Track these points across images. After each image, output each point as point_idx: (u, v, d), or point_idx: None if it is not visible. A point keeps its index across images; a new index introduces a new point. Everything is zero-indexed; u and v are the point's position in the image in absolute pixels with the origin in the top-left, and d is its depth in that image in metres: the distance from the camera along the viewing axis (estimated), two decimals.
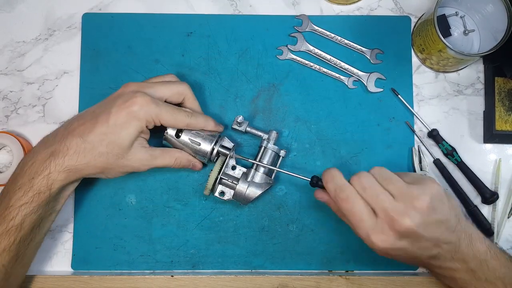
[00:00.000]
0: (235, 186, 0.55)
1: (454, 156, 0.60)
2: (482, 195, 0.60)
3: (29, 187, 0.48)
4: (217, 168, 0.56)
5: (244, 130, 0.59)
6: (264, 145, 0.57)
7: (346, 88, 0.62)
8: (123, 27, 0.63)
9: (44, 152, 0.49)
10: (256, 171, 0.56)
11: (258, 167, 0.57)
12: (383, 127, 0.62)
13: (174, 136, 0.54)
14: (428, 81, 0.63)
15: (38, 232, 0.51)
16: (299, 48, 0.63)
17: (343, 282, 0.58)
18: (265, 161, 0.57)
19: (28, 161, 0.49)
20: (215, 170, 0.56)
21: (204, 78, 0.62)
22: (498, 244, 0.60)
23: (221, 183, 0.56)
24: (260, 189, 0.55)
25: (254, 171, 0.56)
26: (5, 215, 0.47)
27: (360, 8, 0.64)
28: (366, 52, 0.63)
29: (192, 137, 0.55)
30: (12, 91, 0.62)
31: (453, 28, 0.61)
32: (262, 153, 0.57)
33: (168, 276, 0.58)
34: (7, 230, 0.47)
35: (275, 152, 0.57)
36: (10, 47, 0.63)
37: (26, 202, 0.48)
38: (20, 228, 0.48)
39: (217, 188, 0.56)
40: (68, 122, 0.52)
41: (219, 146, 0.56)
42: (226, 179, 0.56)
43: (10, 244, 0.47)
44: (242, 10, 0.64)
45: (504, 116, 0.60)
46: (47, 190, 0.48)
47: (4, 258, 0.48)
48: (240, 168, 0.57)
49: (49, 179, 0.48)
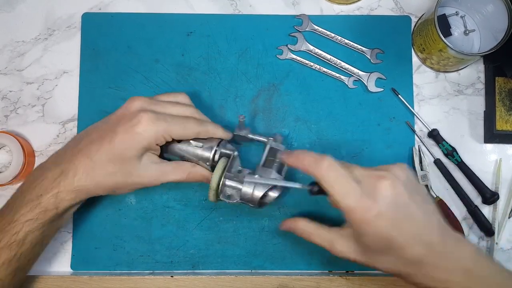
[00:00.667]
0: (241, 188, 0.51)
1: (454, 156, 0.60)
2: (483, 195, 0.60)
3: (36, 204, 0.47)
4: (219, 171, 0.51)
5: (246, 135, 0.56)
6: (274, 145, 0.54)
7: (347, 88, 0.62)
8: (123, 27, 0.63)
9: (54, 170, 0.48)
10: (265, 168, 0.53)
11: (267, 166, 0.53)
12: (384, 127, 0.61)
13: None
14: (429, 81, 0.63)
15: (39, 248, 0.50)
16: (299, 48, 0.62)
17: (343, 282, 0.58)
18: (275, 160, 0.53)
19: (38, 177, 0.48)
20: (217, 172, 0.51)
21: (204, 78, 0.62)
22: (499, 244, 0.60)
23: (226, 185, 0.52)
24: (266, 187, 0.51)
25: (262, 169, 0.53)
26: (8, 229, 0.46)
27: (360, 7, 0.64)
28: (367, 52, 0.63)
29: (193, 141, 0.53)
30: (11, 91, 0.62)
31: (453, 28, 0.61)
32: (268, 152, 0.54)
33: (168, 276, 0.58)
34: (9, 244, 0.46)
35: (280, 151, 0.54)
36: (9, 46, 0.63)
37: (31, 218, 0.47)
38: (22, 243, 0.47)
39: (224, 190, 0.52)
40: (77, 138, 0.51)
41: (222, 148, 0.53)
42: (230, 182, 0.52)
43: (10, 259, 0.47)
44: (242, 10, 0.64)
45: (505, 116, 0.60)
46: (54, 209, 0.48)
47: (3, 272, 0.47)
48: (245, 170, 0.54)
49: (58, 198, 0.48)
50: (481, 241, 0.61)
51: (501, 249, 0.60)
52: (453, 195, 0.61)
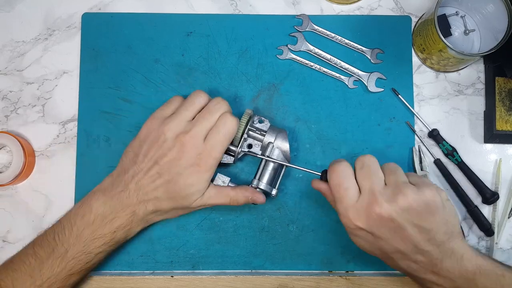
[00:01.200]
0: (263, 139, 0.56)
1: (454, 156, 0.60)
2: (483, 195, 0.60)
3: (111, 239, 0.52)
4: (243, 124, 0.55)
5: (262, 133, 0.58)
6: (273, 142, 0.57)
7: (347, 88, 0.62)
8: (123, 27, 0.63)
9: (126, 211, 0.52)
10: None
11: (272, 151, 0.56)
12: (384, 127, 0.61)
13: None
14: (429, 81, 0.63)
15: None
16: (299, 47, 0.62)
17: (343, 282, 0.58)
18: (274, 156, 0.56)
19: (108, 215, 0.51)
20: (242, 124, 0.55)
21: (204, 78, 0.62)
22: (499, 244, 0.60)
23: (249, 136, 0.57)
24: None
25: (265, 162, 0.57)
26: (80, 258, 0.51)
27: (360, 7, 0.64)
28: (367, 51, 0.63)
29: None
30: (11, 91, 0.62)
31: (453, 28, 0.61)
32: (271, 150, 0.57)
33: (168, 276, 0.58)
34: (80, 271, 0.51)
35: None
36: (9, 46, 0.63)
37: (104, 250, 0.52)
38: (91, 266, 0.53)
39: (243, 143, 0.56)
40: (132, 170, 0.52)
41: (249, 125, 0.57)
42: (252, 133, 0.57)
43: (78, 280, 0.53)
44: (242, 10, 0.64)
45: (505, 116, 0.60)
46: (124, 239, 0.54)
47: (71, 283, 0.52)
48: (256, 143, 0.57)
49: (129, 232, 0.53)
50: (480, 241, 0.61)
51: (501, 249, 0.61)
52: (453, 195, 0.61)
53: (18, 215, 0.60)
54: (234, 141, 0.55)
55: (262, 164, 0.56)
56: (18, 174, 0.58)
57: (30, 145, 0.61)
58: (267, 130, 0.56)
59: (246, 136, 0.57)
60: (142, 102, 0.61)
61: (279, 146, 0.56)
